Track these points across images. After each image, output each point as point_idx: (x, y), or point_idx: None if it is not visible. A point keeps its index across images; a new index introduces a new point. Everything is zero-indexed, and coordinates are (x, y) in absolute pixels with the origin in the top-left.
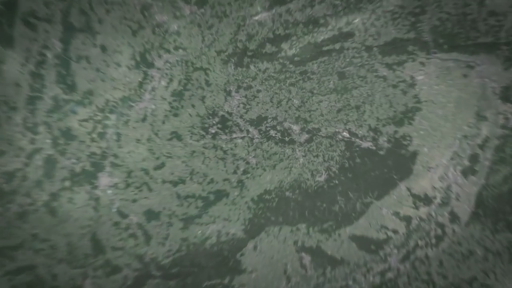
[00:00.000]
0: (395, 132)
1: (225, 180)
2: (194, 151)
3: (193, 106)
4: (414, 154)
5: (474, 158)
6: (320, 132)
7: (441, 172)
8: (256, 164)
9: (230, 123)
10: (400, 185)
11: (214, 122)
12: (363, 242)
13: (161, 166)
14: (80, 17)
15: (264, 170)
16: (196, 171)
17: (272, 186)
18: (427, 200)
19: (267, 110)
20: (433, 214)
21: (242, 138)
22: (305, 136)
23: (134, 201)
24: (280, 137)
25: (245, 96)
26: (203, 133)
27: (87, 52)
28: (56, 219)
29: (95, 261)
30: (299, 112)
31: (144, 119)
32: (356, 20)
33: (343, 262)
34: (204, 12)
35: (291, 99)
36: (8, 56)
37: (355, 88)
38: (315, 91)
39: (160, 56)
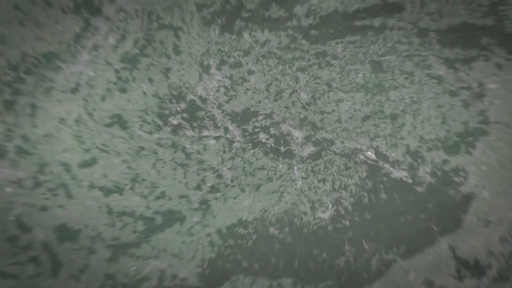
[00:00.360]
0: (445, 162)
1: (182, 197)
2: (142, 148)
3: (150, 81)
4: (468, 199)
5: None
6: (334, 146)
7: (504, 231)
8: (232, 180)
9: (202, 113)
10: (440, 241)
11: (178, 109)
12: None
13: (90, 163)
14: None
15: (243, 190)
16: (141, 178)
17: (251, 216)
18: (477, 269)
19: (259, 102)
20: None
21: (217, 138)
22: (310, 149)
23: (44, 209)
24: (273, 145)
25: (230, 77)
26: (160, 123)
27: None
28: None
29: None
30: (307, 112)
31: (75, 90)
32: None
33: None
34: None
35: (297, 91)
36: None
37: (395, 88)
38: (334, 85)
39: (112, 0)
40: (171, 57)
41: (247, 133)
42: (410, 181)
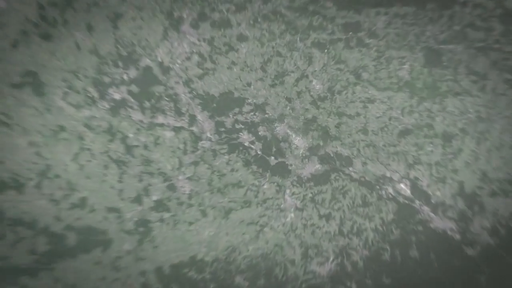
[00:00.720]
0: None
1: (111, 210)
2: (62, 128)
3: (90, 28)
4: None
5: None
6: (351, 168)
7: None
8: (190, 197)
9: (159, 89)
10: None
11: (125, 77)
12: None
13: None
14: None
15: (204, 214)
16: (54, 173)
17: (211, 255)
18: None
19: (248, 85)
20: None
21: (177, 130)
22: (315, 167)
23: None
24: (259, 152)
25: (210, 41)
26: (95, 94)
27: None
28: None
29: None
30: (318, 110)
31: None
32: None
33: None
34: None
35: (308, 76)
36: None
37: (455, 94)
38: (365, 76)
39: None
40: None
41: (223, 129)
42: (457, 237)
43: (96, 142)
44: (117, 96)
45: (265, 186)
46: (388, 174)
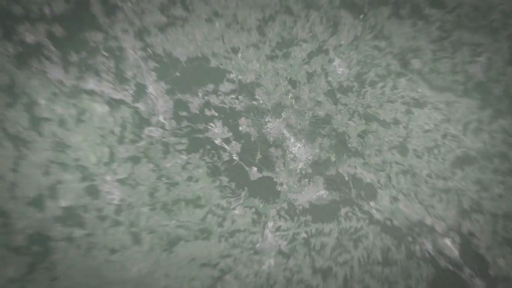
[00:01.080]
0: None
1: None
2: None
3: None
4: None
5: None
6: (372, 203)
7: None
8: (119, 210)
9: (98, 38)
10: None
11: (48, 11)
12: None
13: None
14: None
15: (137, 240)
16: None
17: None
18: None
19: (234, 51)
20: None
21: (113, 104)
22: (318, 193)
23: None
24: (235, 157)
25: None
26: None
27: None
28: None
29: None
30: (335, 106)
31: None
32: None
33: None
34: None
35: (327, 51)
36: None
37: None
38: (415, 64)
39: None
40: None
41: (185, 114)
42: None
43: None
44: (29, 39)
45: (236, 211)
46: (428, 221)
